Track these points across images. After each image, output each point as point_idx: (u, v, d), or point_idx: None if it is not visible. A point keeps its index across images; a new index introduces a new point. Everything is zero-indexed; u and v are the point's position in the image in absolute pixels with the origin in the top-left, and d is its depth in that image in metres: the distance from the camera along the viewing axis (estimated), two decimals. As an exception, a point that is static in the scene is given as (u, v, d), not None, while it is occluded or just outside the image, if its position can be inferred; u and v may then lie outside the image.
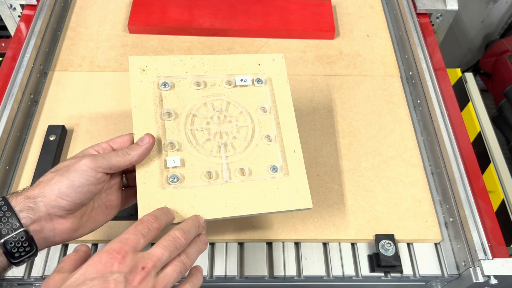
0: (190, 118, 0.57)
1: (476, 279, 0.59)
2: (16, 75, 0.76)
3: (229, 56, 0.61)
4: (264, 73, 0.61)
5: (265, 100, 0.60)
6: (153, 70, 0.58)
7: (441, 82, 0.79)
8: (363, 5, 0.96)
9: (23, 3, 0.88)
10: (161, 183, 0.52)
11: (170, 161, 0.53)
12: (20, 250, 0.45)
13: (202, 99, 0.58)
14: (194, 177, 0.54)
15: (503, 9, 1.44)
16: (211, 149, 0.56)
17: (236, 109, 0.59)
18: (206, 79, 0.59)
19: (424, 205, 0.68)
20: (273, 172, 0.56)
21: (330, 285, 0.66)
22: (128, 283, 0.41)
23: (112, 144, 0.52)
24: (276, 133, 0.58)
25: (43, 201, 0.46)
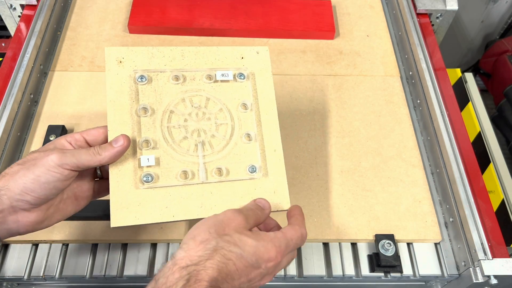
0: (167, 114, 0.54)
1: (476, 279, 0.59)
2: (16, 75, 0.76)
3: (211, 48, 0.58)
4: (246, 67, 0.58)
5: (246, 96, 0.57)
6: (130, 62, 0.55)
7: (441, 82, 0.79)
8: (363, 5, 0.96)
9: (23, 3, 0.88)
10: (135, 183, 0.51)
11: (144, 160, 0.51)
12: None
13: (181, 95, 0.55)
14: (169, 177, 0.52)
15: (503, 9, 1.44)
16: (188, 148, 0.54)
17: (216, 105, 0.56)
18: (186, 73, 0.56)
19: (424, 205, 0.68)
20: (252, 172, 0.54)
21: (330, 285, 0.66)
22: (262, 279, 0.46)
23: (86, 136, 0.50)
24: (257, 132, 0.56)
25: (7, 194, 0.45)
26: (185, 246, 0.43)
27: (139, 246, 0.63)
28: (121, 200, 0.50)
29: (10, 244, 0.63)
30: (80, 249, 0.63)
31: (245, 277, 0.44)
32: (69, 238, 0.63)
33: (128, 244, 0.64)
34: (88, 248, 0.63)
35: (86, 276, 0.61)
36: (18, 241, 0.63)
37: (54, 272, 0.61)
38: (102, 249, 0.63)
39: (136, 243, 0.63)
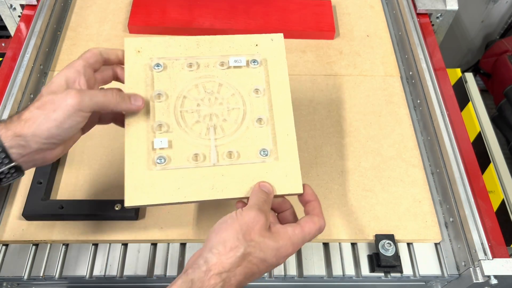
0: (180, 99, 0.56)
1: (476, 279, 0.59)
2: (16, 75, 0.76)
3: (225, 37, 0.59)
4: (260, 54, 0.59)
5: (259, 82, 0.58)
6: (148, 51, 0.57)
7: (441, 82, 0.79)
8: (363, 5, 0.96)
9: (23, 3, 0.88)
10: (148, 164, 0.52)
11: (157, 142, 0.53)
12: (8, 176, 0.49)
13: (194, 81, 0.57)
14: (181, 159, 0.53)
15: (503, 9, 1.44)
16: (200, 132, 0.55)
17: (228, 91, 0.57)
18: (200, 60, 0.58)
19: (424, 205, 0.68)
20: (263, 155, 0.55)
21: (330, 285, 0.66)
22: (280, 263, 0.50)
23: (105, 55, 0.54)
24: (269, 116, 0.56)
25: (34, 140, 0.48)
26: (216, 251, 0.46)
27: (139, 246, 0.63)
28: (135, 181, 0.52)
29: (10, 244, 0.63)
30: (80, 249, 0.63)
31: (264, 271, 0.48)
32: (69, 238, 0.63)
33: (128, 244, 0.64)
34: (88, 248, 0.63)
35: (86, 276, 0.61)
36: (18, 241, 0.63)
37: (54, 272, 0.61)
38: (102, 249, 0.63)
39: (136, 243, 0.63)
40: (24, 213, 0.63)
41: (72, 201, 0.65)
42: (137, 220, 0.64)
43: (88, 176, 0.69)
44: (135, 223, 0.64)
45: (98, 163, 0.70)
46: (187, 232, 0.64)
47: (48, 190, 0.66)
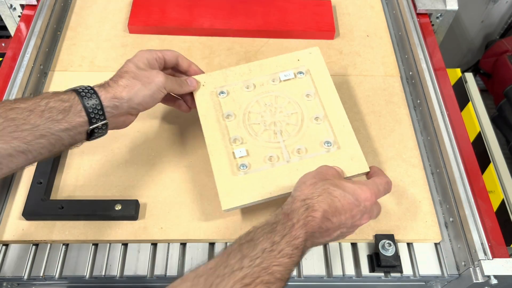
0: (246, 115, 0.67)
1: (476, 279, 0.59)
2: (16, 75, 0.76)
3: (271, 59, 0.71)
4: (304, 65, 0.70)
5: (308, 87, 0.69)
6: (210, 83, 0.69)
7: (441, 82, 0.79)
8: (363, 5, 0.96)
9: (23, 3, 0.88)
10: (233, 171, 0.62)
11: (237, 152, 0.63)
12: (99, 131, 0.58)
13: (254, 98, 0.68)
14: (259, 162, 0.63)
15: (503, 9, 1.44)
16: (269, 137, 0.65)
17: (284, 100, 0.68)
18: (254, 81, 0.70)
19: (424, 205, 0.68)
20: (327, 146, 0.64)
21: (330, 285, 0.66)
22: (361, 218, 0.54)
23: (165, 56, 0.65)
24: (324, 114, 0.66)
25: (128, 104, 0.59)
26: (298, 189, 0.53)
27: (139, 246, 0.63)
28: (226, 187, 0.61)
29: (10, 244, 0.63)
30: (80, 249, 0.63)
31: (349, 213, 0.52)
32: (69, 238, 0.63)
33: (128, 244, 0.64)
34: (88, 248, 0.63)
35: (86, 276, 0.61)
36: (18, 241, 0.63)
37: (54, 272, 0.61)
38: (102, 249, 0.63)
39: (136, 243, 0.63)
40: (24, 213, 0.63)
41: (72, 201, 0.65)
42: (137, 220, 0.64)
43: (88, 176, 0.69)
44: (135, 223, 0.64)
45: (98, 163, 0.70)
46: (187, 232, 0.64)
47: (48, 190, 0.66)
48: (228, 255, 0.46)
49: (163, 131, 0.74)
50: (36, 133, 0.51)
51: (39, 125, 0.51)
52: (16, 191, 0.67)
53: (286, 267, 0.46)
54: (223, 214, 0.66)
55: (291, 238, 0.48)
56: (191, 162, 0.71)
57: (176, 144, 0.73)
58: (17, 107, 0.51)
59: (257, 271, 0.44)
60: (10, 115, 0.50)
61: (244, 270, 0.44)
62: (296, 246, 0.48)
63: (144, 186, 0.68)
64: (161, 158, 0.71)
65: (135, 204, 0.64)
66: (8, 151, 0.49)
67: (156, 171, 0.70)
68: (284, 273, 0.46)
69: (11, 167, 0.51)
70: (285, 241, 0.47)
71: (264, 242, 0.47)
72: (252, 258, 0.45)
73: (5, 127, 0.49)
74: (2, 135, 0.49)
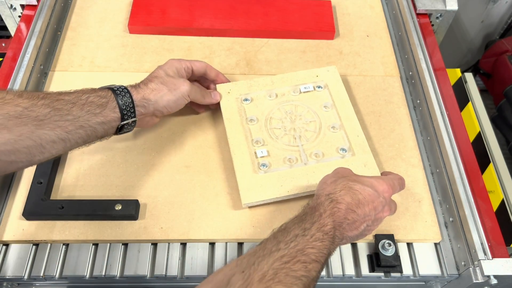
0: (268, 120, 0.73)
1: (476, 279, 0.59)
2: (17, 75, 0.76)
3: (292, 73, 0.78)
4: (322, 80, 0.77)
5: (326, 99, 0.75)
6: (236, 91, 0.75)
7: (441, 82, 0.79)
8: (363, 5, 0.96)
9: (23, 3, 0.88)
10: (254, 170, 0.67)
11: (259, 152, 0.68)
12: (127, 129, 0.64)
13: (276, 106, 0.74)
14: (279, 163, 0.68)
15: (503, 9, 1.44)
16: (289, 141, 0.71)
17: (303, 109, 0.74)
18: (277, 91, 0.76)
19: (424, 205, 0.68)
20: (343, 152, 0.69)
21: (330, 285, 0.67)
22: (383, 210, 0.58)
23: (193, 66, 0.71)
24: (340, 124, 0.72)
25: (154, 106, 0.65)
26: (321, 188, 0.58)
27: (139, 246, 0.63)
28: (247, 184, 0.66)
29: (11, 244, 0.63)
30: (80, 249, 0.63)
31: (371, 204, 0.56)
32: (69, 238, 0.63)
33: (128, 244, 0.64)
34: (88, 248, 0.63)
35: (86, 276, 0.61)
36: (18, 241, 0.63)
37: (54, 272, 0.61)
38: (102, 249, 0.63)
39: (136, 243, 0.64)
40: (24, 213, 0.63)
41: (72, 201, 0.65)
42: (137, 220, 0.65)
43: (88, 176, 0.69)
44: (135, 223, 0.64)
45: (98, 163, 0.70)
46: (187, 232, 0.64)
47: (48, 190, 0.66)
48: (265, 242, 0.50)
49: (163, 131, 0.74)
50: (76, 123, 0.56)
51: (79, 117, 0.57)
52: (16, 191, 0.67)
53: (320, 250, 0.50)
54: (223, 214, 0.66)
55: (320, 225, 0.52)
56: (191, 162, 0.71)
57: (176, 144, 0.73)
58: (62, 98, 0.57)
59: (293, 252, 0.48)
60: (57, 106, 0.55)
61: (281, 251, 0.48)
62: (325, 232, 0.51)
63: (144, 186, 0.68)
64: (161, 158, 0.71)
65: (135, 204, 0.64)
66: (52, 137, 0.54)
67: (156, 171, 0.70)
68: (319, 256, 0.49)
69: (52, 152, 0.56)
70: (315, 227, 0.51)
71: (296, 229, 0.51)
72: (287, 242, 0.49)
73: (52, 115, 0.54)
74: (49, 123, 0.54)
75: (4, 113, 0.51)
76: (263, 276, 0.45)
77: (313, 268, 0.48)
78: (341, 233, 0.54)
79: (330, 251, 0.52)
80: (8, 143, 0.51)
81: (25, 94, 0.54)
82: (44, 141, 0.54)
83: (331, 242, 0.51)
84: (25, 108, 0.53)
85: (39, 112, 0.53)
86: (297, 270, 0.47)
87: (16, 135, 0.51)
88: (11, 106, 0.52)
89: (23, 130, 0.52)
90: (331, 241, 0.51)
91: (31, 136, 0.52)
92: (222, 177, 0.69)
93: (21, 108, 0.52)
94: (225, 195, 0.67)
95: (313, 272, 0.48)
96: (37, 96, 0.55)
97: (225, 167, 0.70)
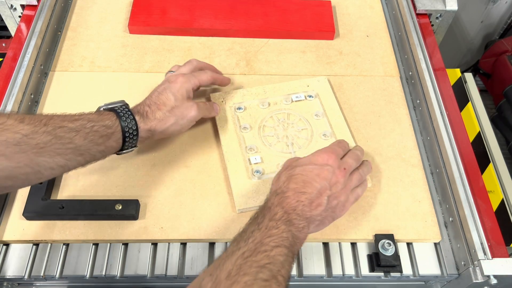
0: (261, 128, 0.74)
1: (476, 279, 0.59)
2: (17, 75, 0.76)
3: (283, 83, 0.79)
4: (313, 90, 0.79)
5: (317, 108, 0.77)
6: (229, 100, 0.77)
7: (441, 82, 0.79)
8: (363, 6, 0.96)
9: (23, 3, 0.88)
10: (248, 176, 0.68)
11: (253, 159, 0.70)
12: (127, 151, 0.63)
13: (268, 114, 0.76)
14: (272, 169, 0.69)
15: (502, 10, 1.44)
16: (282, 148, 0.72)
17: (295, 117, 0.76)
18: (269, 100, 0.77)
19: (424, 205, 0.68)
20: None
21: (330, 285, 0.67)
22: (334, 174, 0.59)
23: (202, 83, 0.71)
24: (331, 131, 0.73)
25: (159, 135, 0.65)
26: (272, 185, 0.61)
27: (139, 246, 0.64)
28: (241, 190, 0.67)
29: (11, 244, 0.63)
30: (80, 249, 0.63)
31: (318, 178, 0.58)
32: (69, 238, 0.63)
33: (128, 244, 0.64)
34: (89, 248, 0.63)
35: (86, 276, 0.61)
36: (19, 241, 0.63)
37: (54, 272, 0.61)
38: (103, 249, 0.63)
39: (136, 243, 0.64)
40: (24, 213, 0.63)
41: (72, 201, 0.65)
42: (137, 220, 0.65)
43: (88, 176, 0.69)
44: (135, 223, 0.64)
45: (99, 163, 0.70)
46: (187, 232, 0.64)
47: (48, 190, 0.66)
48: (228, 247, 0.52)
49: (163, 131, 0.74)
50: (76, 152, 0.56)
51: (81, 146, 0.56)
52: (16, 191, 0.67)
53: (278, 235, 0.51)
54: (223, 214, 0.66)
55: (271, 215, 0.54)
56: (191, 162, 0.71)
57: (177, 144, 0.73)
58: (65, 126, 0.55)
59: (252, 246, 0.50)
60: (59, 133, 0.54)
61: (241, 249, 0.50)
62: (277, 219, 0.53)
63: (144, 186, 0.68)
64: (161, 158, 0.71)
65: (135, 204, 0.64)
66: (51, 164, 0.54)
67: (156, 171, 0.70)
68: (279, 241, 0.51)
69: (48, 176, 0.55)
70: (267, 219, 0.54)
71: (251, 227, 0.53)
72: (246, 240, 0.51)
73: (53, 143, 0.53)
74: (49, 150, 0.53)
75: (3, 140, 0.50)
76: (228, 274, 0.47)
77: (277, 253, 0.50)
78: (300, 215, 0.55)
79: (294, 233, 0.53)
80: (5, 170, 0.50)
81: (27, 119, 0.53)
82: (43, 168, 0.53)
83: (288, 224, 0.53)
84: (25, 136, 0.52)
85: (39, 139, 0.52)
86: (259, 260, 0.48)
87: (14, 163, 0.51)
88: (11, 133, 0.51)
89: (22, 158, 0.51)
90: (288, 223, 0.53)
91: (29, 163, 0.52)
92: (222, 177, 0.69)
93: (20, 135, 0.51)
94: (225, 195, 0.68)
95: (278, 257, 0.50)
96: (39, 121, 0.54)
97: (225, 167, 0.70)
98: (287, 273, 0.50)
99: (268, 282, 0.47)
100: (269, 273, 0.48)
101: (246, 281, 0.46)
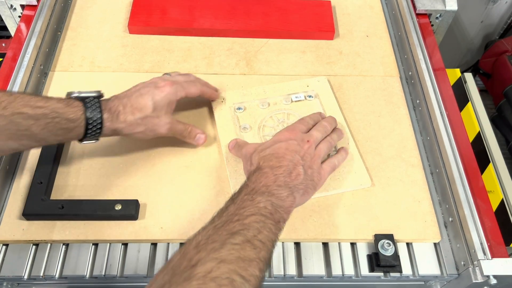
0: (261, 128, 0.74)
1: (476, 279, 0.59)
2: (17, 75, 0.76)
3: (283, 83, 0.80)
4: (313, 90, 0.79)
5: (317, 108, 0.76)
6: (229, 100, 0.77)
7: (441, 82, 0.79)
8: (363, 6, 0.96)
9: (23, 3, 0.88)
10: None
11: None
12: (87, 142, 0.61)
13: (268, 114, 0.76)
14: None
15: (502, 10, 1.44)
16: None
17: (295, 117, 0.74)
18: (269, 100, 0.77)
19: (424, 205, 0.68)
20: None
21: (329, 285, 0.67)
22: (300, 147, 0.62)
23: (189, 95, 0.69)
24: None
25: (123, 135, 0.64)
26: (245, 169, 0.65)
27: (139, 246, 0.64)
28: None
29: (10, 244, 0.63)
30: (80, 249, 0.63)
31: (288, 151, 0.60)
32: (69, 238, 0.63)
33: (128, 244, 0.64)
34: (88, 248, 0.63)
35: (86, 276, 0.61)
36: (18, 241, 0.63)
37: (54, 271, 0.61)
38: (102, 249, 0.63)
39: (136, 243, 0.64)
40: (24, 213, 0.63)
41: (72, 201, 0.65)
42: (137, 220, 0.65)
43: (88, 176, 0.69)
44: (135, 223, 0.64)
45: (98, 163, 0.70)
46: (187, 232, 0.64)
47: (48, 190, 0.66)
48: None
49: (163, 131, 0.74)
50: (32, 139, 0.55)
51: (37, 134, 0.54)
52: (16, 191, 0.67)
53: (253, 205, 0.51)
54: (223, 214, 0.66)
55: (248, 190, 0.54)
56: (191, 162, 0.71)
57: (176, 144, 0.73)
58: (25, 112, 0.53)
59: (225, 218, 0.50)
60: (16, 119, 0.52)
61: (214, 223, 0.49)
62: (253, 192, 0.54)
63: (144, 186, 0.68)
64: (161, 158, 0.71)
65: (135, 204, 0.64)
66: (2, 147, 0.54)
67: (156, 171, 0.70)
68: (253, 210, 0.51)
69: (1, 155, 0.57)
70: (243, 193, 0.54)
71: (226, 203, 0.54)
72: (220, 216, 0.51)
73: (7, 128, 0.52)
74: (2, 134, 0.52)
75: None
76: (197, 244, 0.46)
77: (253, 220, 0.49)
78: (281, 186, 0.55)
79: (274, 202, 0.53)
80: None
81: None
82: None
83: (267, 196, 0.53)
84: None
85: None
86: (231, 228, 0.47)
87: None
88: None
89: None
90: (266, 195, 0.53)
91: None
92: (222, 177, 0.69)
93: None
94: (225, 195, 0.68)
95: (254, 224, 0.49)
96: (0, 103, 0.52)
97: (224, 167, 0.70)
98: (267, 239, 0.48)
99: (239, 245, 0.46)
100: (242, 238, 0.46)
101: (214, 246, 0.45)
